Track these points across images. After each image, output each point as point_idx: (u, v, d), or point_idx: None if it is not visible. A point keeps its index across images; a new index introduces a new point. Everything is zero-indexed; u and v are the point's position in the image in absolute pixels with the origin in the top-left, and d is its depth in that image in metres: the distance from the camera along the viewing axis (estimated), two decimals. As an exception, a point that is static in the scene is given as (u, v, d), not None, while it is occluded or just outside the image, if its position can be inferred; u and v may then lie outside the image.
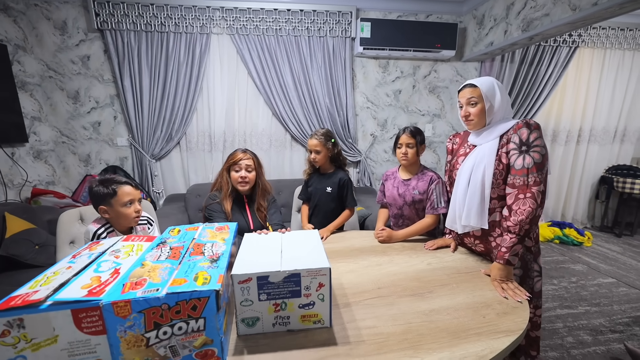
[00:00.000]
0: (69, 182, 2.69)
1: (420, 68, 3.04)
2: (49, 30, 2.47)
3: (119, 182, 1.24)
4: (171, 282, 0.67)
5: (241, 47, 2.68)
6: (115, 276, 0.71)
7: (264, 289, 0.78)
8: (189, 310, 0.64)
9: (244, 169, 1.47)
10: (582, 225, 3.61)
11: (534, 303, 1.21)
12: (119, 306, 0.61)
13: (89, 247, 0.87)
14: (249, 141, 2.92)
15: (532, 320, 1.21)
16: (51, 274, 0.71)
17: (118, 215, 1.24)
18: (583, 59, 3.21)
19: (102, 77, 2.61)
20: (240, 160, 1.46)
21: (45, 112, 2.55)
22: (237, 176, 1.46)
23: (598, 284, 2.39)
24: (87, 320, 0.61)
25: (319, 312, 0.82)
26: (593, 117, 3.38)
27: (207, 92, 2.75)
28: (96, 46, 2.55)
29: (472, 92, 1.14)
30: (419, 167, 1.54)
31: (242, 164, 1.46)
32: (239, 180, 1.47)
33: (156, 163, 2.77)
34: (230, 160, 1.48)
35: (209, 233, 0.97)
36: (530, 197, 1.02)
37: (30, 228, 1.91)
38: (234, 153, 1.50)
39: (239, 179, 1.46)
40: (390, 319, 0.88)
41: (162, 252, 0.82)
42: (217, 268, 0.74)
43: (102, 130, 2.69)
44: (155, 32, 2.53)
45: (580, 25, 1.99)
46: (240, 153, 1.49)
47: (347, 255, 1.32)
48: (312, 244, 0.94)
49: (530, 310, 1.18)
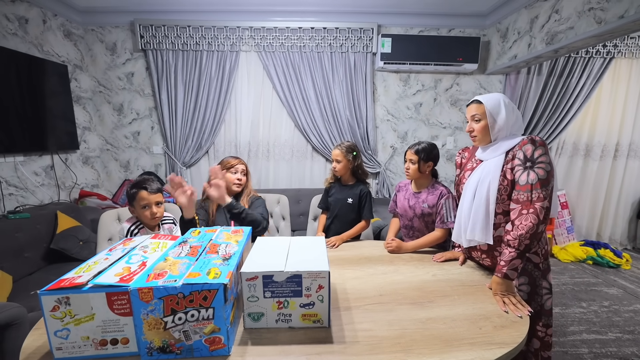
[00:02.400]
0: (111, 186, 2.98)
1: (442, 81, 3.05)
2: (101, 51, 2.80)
3: (139, 187, 1.39)
4: (187, 275, 0.77)
5: (267, 63, 2.86)
6: (142, 267, 0.82)
7: (269, 287, 0.86)
8: (201, 300, 0.74)
9: (240, 172, 1.62)
10: (620, 247, 3.35)
11: (545, 322, 1.18)
12: (144, 292, 0.72)
13: (123, 242, 1.01)
14: (272, 151, 3.08)
15: (543, 340, 1.18)
16: (92, 263, 0.85)
17: (139, 215, 1.42)
18: (620, 70, 3.05)
19: (143, 92, 2.90)
20: (236, 165, 1.62)
21: (95, 122, 2.88)
22: (233, 178, 1.60)
23: (634, 311, 2.22)
24: (117, 303, 0.73)
25: (319, 312, 0.89)
26: (632, 131, 3.17)
27: (235, 105, 2.95)
28: (139, 64, 2.85)
29: (476, 109, 1.17)
30: (430, 180, 1.57)
31: (239, 168, 1.62)
32: (235, 181, 1.60)
33: (186, 170, 2.99)
34: (228, 164, 1.61)
35: (225, 235, 1.08)
36: (532, 212, 1.03)
37: (77, 225, 2.15)
38: (229, 159, 1.63)
39: (235, 180, 1.60)
40: (386, 323, 0.92)
41: (183, 250, 0.94)
42: (227, 265, 0.84)
43: (141, 139, 2.97)
44: (191, 50, 2.78)
45: (608, 38, 1.93)
46: (234, 159, 1.63)
47: (355, 263, 1.38)
48: (317, 250, 1.02)
49: (541, 329, 1.17)
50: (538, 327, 1.16)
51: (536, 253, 1.14)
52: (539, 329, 1.16)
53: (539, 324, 1.16)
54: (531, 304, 1.15)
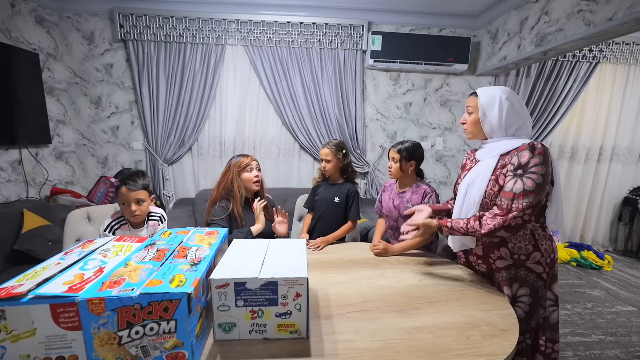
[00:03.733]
0: (86, 183, 2.83)
1: (432, 81, 3.02)
2: (77, 40, 2.65)
3: (122, 182, 1.35)
4: (147, 283, 0.69)
5: (254, 58, 2.77)
6: (98, 274, 0.74)
7: (241, 295, 0.79)
8: (161, 312, 0.66)
9: (256, 169, 1.56)
10: (602, 248, 3.40)
11: (549, 336, 1.10)
12: (94, 303, 0.63)
13: (82, 245, 0.92)
14: (258, 149, 2.98)
15: (551, 356, 1.10)
16: (40, 269, 0.75)
17: (123, 212, 1.38)
18: (605, 75, 3.09)
19: (123, 84, 2.76)
20: (251, 162, 1.56)
21: (70, 115, 2.72)
22: (252, 176, 1.54)
23: (616, 312, 2.23)
24: (64, 316, 0.64)
25: (296, 322, 0.82)
26: (616, 135, 3.23)
27: (220, 100, 2.84)
28: (119, 55, 2.71)
29: (471, 100, 1.13)
30: (413, 180, 1.53)
31: (254, 164, 1.56)
32: (254, 180, 1.54)
33: (168, 167, 2.87)
34: (242, 164, 1.55)
35: (198, 237, 1.00)
36: (502, 220, 0.99)
37: (46, 225, 2.01)
38: (241, 158, 1.56)
39: (254, 178, 1.54)
40: (369, 334, 0.86)
41: (148, 254, 0.85)
42: (195, 272, 0.76)
43: (120, 134, 2.83)
44: (174, 42, 2.66)
45: (596, 41, 1.92)
46: (247, 157, 1.57)
47: (338, 266, 1.31)
48: (296, 253, 0.94)
49: (542, 342, 1.10)
50: (541, 342, 1.09)
51: (539, 262, 1.07)
52: (542, 343, 1.09)
53: (542, 337, 1.09)
54: (534, 316, 1.09)
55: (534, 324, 1.11)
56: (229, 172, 1.55)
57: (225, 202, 1.52)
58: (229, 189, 1.53)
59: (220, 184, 1.56)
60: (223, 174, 1.58)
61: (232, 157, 1.60)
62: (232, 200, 1.51)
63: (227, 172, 1.56)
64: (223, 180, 1.56)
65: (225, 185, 1.54)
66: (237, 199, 1.51)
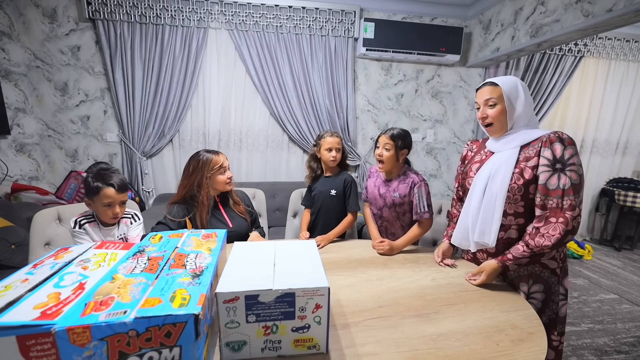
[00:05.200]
0: (54, 178, 2.57)
1: (424, 72, 2.97)
2: (37, 18, 2.35)
3: (105, 183, 1.21)
4: (142, 303, 0.57)
5: (240, 43, 2.59)
6: (78, 292, 0.60)
7: (253, 309, 0.68)
8: (162, 338, 0.54)
9: (228, 169, 1.40)
10: (581, 238, 3.55)
11: (559, 329, 1.09)
12: (76, 332, 0.51)
13: (55, 254, 0.77)
14: (244, 141, 2.83)
15: (557, 349, 1.09)
16: (2, 288, 0.60)
17: (98, 212, 1.25)
18: (588, 69, 3.17)
19: (93, 70, 2.50)
20: (225, 162, 1.38)
21: (31, 103, 2.43)
22: (225, 178, 1.37)
23: (600, 300, 2.32)
24: (36, 349, 0.51)
25: (314, 336, 0.73)
26: (596, 128, 3.34)
27: (203, 88, 2.65)
28: (87, 36, 2.44)
29: (491, 92, 1.03)
30: (402, 168, 1.47)
31: (226, 164, 1.39)
32: (227, 181, 1.38)
33: (147, 161, 2.65)
34: (215, 165, 1.33)
35: (194, 242, 0.88)
36: (562, 222, 0.93)
37: (7, 226, 1.79)
38: (214, 158, 1.34)
39: (226, 180, 1.38)
40: (393, 344, 0.78)
41: (138, 264, 0.72)
42: (198, 285, 0.65)
43: (91, 124, 2.57)
44: (150, 24, 2.43)
45: (592, 33, 1.93)
46: (220, 156, 1.36)
47: (345, 267, 1.23)
48: (310, 257, 0.84)
49: (556, 339, 1.09)
50: (553, 337, 1.07)
51: (554, 258, 1.05)
52: (554, 338, 1.07)
53: (554, 332, 1.07)
54: (545, 312, 1.07)
55: (546, 319, 1.08)
56: (197, 173, 1.31)
57: (187, 206, 1.32)
58: (193, 193, 1.32)
59: (184, 186, 1.33)
60: (188, 175, 1.32)
61: (198, 154, 1.34)
62: (197, 208, 1.31)
63: (194, 173, 1.31)
64: (188, 182, 1.32)
65: (190, 190, 1.32)
66: (203, 206, 1.31)
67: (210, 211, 1.37)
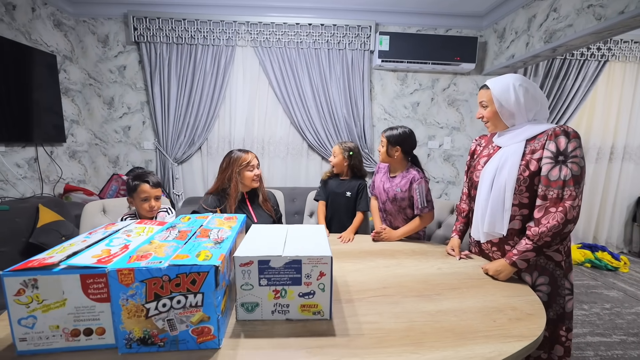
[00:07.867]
0: (98, 181, 2.86)
1: (439, 81, 3.03)
2: (92, 43, 2.71)
3: (141, 180, 1.41)
4: (174, 257, 0.69)
5: (263, 59, 2.81)
6: (124, 250, 0.74)
7: (265, 273, 0.78)
8: (188, 284, 0.66)
9: (256, 167, 1.52)
10: (617, 250, 3.33)
11: (566, 325, 1.09)
12: (123, 274, 0.64)
13: (105, 226, 0.92)
14: (267, 148, 3.00)
15: (565, 345, 1.09)
16: (68, 245, 0.76)
17: (137, 207, 1.43)
18: (614, 74, 3.08)
19: (135, 85, 2.81)
20: (253, 160, 1.50)
21: (83, 116, 2.77)
22: (252, 175, 1.49)
23: (636, 313, 2.18)
24: (93, 287, 0.64)
25: (319, 303, 0.81)
26: (627, 133, 3.20)
27: (230, 100, 2.88)
28: (132, 57, 2.77)
29: (483, 95, 1.12)
30: (405, 165, 1.56)
31: (255, 162, 1.51)
32: (254, 178, 1.50)
33: (178, 166, 2.89)
34: (243, 161, 1.47)
35: (217, 221, 1.00)
36: (561, 211, 0.96)
37: (60, 220, 2.03)
38: (243, 156, 1.48)
39: (254, 177, 1.50)
40: (392, 316, 0.85)
41: (171, 234, 0.86)
42: (219, 249, 0.76)
43: (131, 134, 2.87)
44: (185, 44, 2.72)
45: (607, 36, 1.92)
46: (248, 154, 1.50)
47: (355, 256, 1.30)
48: (317, 237, 0.94)
49: (562, 333, 1.09)
50: (561, 332, 1.07)
51: (558, 251, 1.07)
52: (562, 334, 1.07)
53: (562, 328, 1.07)
54: (552, 307, 1.08)
55: (553, 314, 1.09)
56: (228, 169, 1.47)
57: (219, 198, 1.47)
58: (225, 186, 1.47)
59: (219, 179, 1.50)
60: (222, 170, 1.49)
61: (231, 152, 1.50)
62: (227, 200, 1.45)
63: (227, 169, 1.47)
64: (222, 177, 1.49)
65: (222, 183, 1.47)
66: (232, 198, 1.45)
67: (238, 205, 1.50)
